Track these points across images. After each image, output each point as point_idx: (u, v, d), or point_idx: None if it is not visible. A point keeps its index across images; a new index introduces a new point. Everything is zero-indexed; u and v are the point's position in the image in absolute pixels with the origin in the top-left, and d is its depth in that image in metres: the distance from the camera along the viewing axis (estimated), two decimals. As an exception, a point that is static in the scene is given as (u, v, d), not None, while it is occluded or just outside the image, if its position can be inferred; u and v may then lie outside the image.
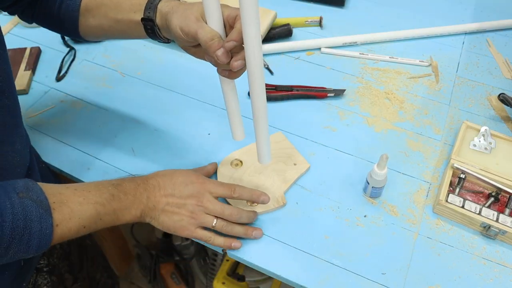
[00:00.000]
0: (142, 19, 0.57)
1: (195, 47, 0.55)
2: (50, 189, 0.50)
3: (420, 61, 0.90)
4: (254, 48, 0.46)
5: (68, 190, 0.51)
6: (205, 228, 0.60)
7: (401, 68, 0.89)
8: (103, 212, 0.52)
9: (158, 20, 0.57)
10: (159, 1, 0.57)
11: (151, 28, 0.58)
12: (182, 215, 0.58)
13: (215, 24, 0.49)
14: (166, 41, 0.60)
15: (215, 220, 0.59)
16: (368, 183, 0.65)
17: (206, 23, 0.50)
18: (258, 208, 0.65)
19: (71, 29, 0.66)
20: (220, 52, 0.48)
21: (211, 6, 0.48)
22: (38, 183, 0.49)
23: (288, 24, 0.94)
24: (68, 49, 0.93)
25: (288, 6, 1.04)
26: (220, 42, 0.48)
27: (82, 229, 0.51)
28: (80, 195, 0.51)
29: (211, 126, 0.78)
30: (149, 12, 0.56)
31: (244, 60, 0.48)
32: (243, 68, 0.50)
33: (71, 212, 0.49)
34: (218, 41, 0.48)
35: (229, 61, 0.49)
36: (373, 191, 0.66)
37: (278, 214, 0.66)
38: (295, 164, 0.71)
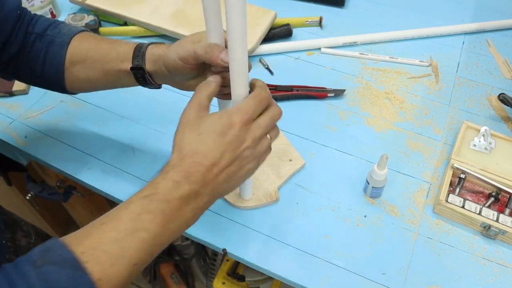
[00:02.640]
0: (132, 68, 0.56)
1: (195, 79, 0.55)
2: (73, 238, 0.40)
3: (420, 61, 0.90)
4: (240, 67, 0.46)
5: (95, 229, 0.41)
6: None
7: (401, 68, 0.89)
8: (150, 238, 0.41)
9: (149, 67, 0.56)
10: (146, 48, 0.56)
11: (142, 76, 0.57)
12: (246, 166, 0.47)
13: (215, 39, 0.49)
14: (157, 87, 0.60)
15: (268, 136, 0.50)
16: (368, 183, 0.65)
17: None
18: (251, 202, 0.66)
19: (57, 85, 0.62)
20: (223, 55, 0.48)
21: (211, 22, 0.47)
22: (62, 237, 0.40)
23: (288, 24, 0.94)
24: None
25: (288, 6, 1.04)
26: (219, 47, 0.48)
27: (133, 268, 0.40)
28: (112, 229, 0.40)
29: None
30: (137, 61, 0.55)
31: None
32: None
33: (110, 257, 0.39)
34: (216, 48, 0.48)
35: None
36: (373, 191, 0.66)
37: (278, 214, 0.66)
38: (290, 160, 0.71)
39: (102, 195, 0.70)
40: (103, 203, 1.14)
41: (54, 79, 0.61)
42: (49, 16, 0.99)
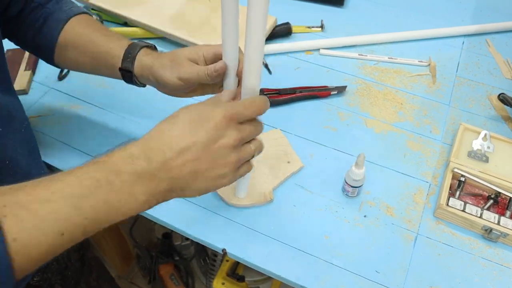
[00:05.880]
0: (120, 69, 0.58)
1: (186, 93, 0.58)
2: (1, 188, 0.34)
3: (419, 61, 0.90)
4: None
5: (26, 187, 0.34)
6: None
7: (401, 68, 0.89)
8: (88, 209, 0.35)
9: (137, 71, 0.58)
10: (137, 52, 0.58)
11: (129, 77, 0.59)
12: (218, 168, 0.42)
13: (230, 59, 0.50)
14: (142, 85, 0.62)
15: (252, 146, 0.45)
16: (351, 186, 0.65)
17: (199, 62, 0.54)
18: (245, 201, 0.66)
19: (45, 57, 0.65)
20: (217, 65, 0.50)
21: (228, 42, 0.48)
22: None
23: (287, 23, 0.94)
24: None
25: (287, 6, 1.04)
26: (211, 66, 0.51)
27: (61, 239, 0.34)
28: (47, 188, 0.34)
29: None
30: (127, 64, 0.58)
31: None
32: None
33: (34, 216, 0.33)
34: (211, 66, 0.51)
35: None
36: (351, 191, 0.66)
37: (278, 214, 0.66)
38: (288, 162, 0.71)
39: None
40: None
41: (44, 51, 0.64)
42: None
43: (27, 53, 0.91)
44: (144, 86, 0.62)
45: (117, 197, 0.37)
